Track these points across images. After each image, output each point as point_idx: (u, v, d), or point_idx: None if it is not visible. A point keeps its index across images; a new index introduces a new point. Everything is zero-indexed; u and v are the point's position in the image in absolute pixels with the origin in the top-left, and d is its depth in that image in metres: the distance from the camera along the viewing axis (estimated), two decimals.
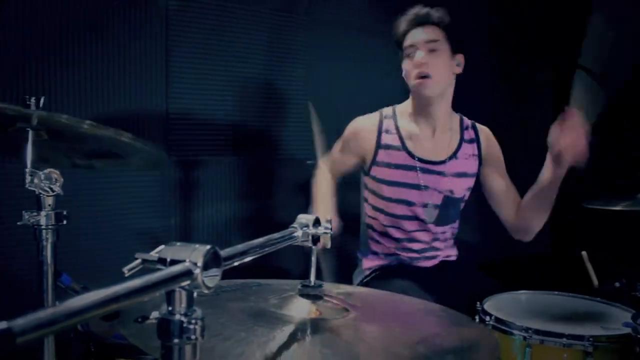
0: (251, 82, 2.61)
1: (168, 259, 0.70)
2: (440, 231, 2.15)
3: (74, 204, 1.44)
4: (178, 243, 0.72)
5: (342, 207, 2.08)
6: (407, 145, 2.11)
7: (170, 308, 0.69)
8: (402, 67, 2.08)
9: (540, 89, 3.73)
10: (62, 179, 1.30)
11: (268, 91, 2.67)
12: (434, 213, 2.12)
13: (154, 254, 0.72)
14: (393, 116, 2.15)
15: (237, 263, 0.82)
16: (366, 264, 2.22)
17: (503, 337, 1.63)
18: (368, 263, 2.22)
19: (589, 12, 1.77)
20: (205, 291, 0.69)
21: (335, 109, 2.49)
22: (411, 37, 2.04)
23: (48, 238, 1.32)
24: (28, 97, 1.30)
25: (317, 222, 1.07)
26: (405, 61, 2.06)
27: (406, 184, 2.10)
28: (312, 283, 1.09)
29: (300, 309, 1.05)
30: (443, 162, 2.12)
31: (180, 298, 0.69)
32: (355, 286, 2.08)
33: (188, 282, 0.68)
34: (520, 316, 1.70)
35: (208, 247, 0.70)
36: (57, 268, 1.35)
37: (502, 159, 2.20)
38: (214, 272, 0.71)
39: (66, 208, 1.35)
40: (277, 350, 0.90)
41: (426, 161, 2.10)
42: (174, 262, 0.69)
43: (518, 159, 2.29)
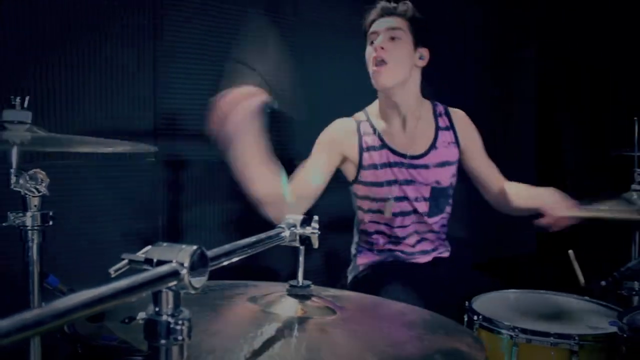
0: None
1: (154, 260, 0.69)
2: (433, 222, 2.17)
3: (60, 205, 1.44)
4: (165, 243, 0.72)
5: (334, 205, 2.07)
6: (387, 143, 2.11)
7: (157, 309, 0.69)
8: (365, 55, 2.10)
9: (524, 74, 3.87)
10: (48, 180, 1.30)
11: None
12: (425, 205, 2.13)
13: (141, 255, 0.71)
14: (367, 118, 2.16)
15: (225, 263, 0.82)
16: (360, 260, 2.22)
17: (490, 336, 1.63)
18: (362, 259, 2.22)
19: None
20: (192, 292, 0.69)
21: (323, 109, 2.49)
22: (375, 26, 2.07)
23: (34, 239, 1.32)
24: (13, 97, 1.29)
25: (305, 222, 1.07)
26: (367, 48, 2.09)
27: (395, 181, 2.10)
28: (300, 283, 1.09)
29: (287, 308, 1.05)
30: (426, 154, 2.13)
31: (167, 299, 0.69)
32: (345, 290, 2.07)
33: (175, 283, 0.68)
34: (508, 315, 1.71)
35: (194, 248, 0.70)
36: (43, 269, 1.34)
37: (479, 139, 2.23)
38: (201, 273, 0.71)
39: (52, 209, 1.34)
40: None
41: (409, 156, 2.11)
42: (161, 263, 0.69)
43: (501, 143, 2.34)
